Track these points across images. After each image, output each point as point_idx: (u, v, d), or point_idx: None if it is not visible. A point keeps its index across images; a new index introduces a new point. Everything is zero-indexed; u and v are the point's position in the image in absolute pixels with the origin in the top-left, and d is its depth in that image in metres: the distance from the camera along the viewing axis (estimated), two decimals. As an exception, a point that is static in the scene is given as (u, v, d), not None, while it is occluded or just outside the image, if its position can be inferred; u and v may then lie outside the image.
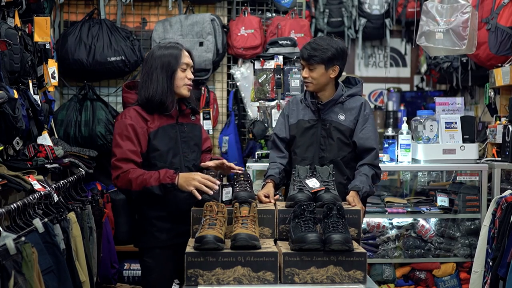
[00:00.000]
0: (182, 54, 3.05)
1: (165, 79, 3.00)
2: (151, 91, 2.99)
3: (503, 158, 4.13)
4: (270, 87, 4.22)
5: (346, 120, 3.22)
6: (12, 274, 2.05)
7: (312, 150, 3.22)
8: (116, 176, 2.97)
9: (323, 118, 3.23)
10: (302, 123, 3.26)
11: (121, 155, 2.96)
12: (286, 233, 2.68)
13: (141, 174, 2.92)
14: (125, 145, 2.96)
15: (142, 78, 3.06)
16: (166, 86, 3.00)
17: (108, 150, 4.59)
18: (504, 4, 4.33)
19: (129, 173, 2.93)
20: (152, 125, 3.01)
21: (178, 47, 3.07)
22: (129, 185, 2.94)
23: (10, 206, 2.57)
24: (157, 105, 3.01)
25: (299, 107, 3.30)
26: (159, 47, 3.10)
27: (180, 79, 3.04)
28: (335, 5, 6.37)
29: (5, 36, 3.05)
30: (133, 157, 2.96)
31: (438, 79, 6.20)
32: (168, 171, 2.91)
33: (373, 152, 3.19)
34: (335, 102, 3.22)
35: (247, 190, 2.81)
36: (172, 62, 3.02)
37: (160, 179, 2.88)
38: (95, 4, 4.90)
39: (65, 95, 4.98)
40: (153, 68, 3.02)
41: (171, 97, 3.02)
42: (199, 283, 2.37)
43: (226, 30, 5.01)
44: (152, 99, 2.99)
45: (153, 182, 2.88)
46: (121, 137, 2.98)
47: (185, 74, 3.05)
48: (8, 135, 2.84)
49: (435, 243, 4.40)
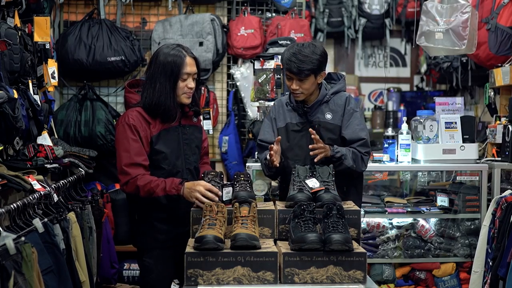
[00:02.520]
0: (184, 63, 2.99)
1: (167, 87, 2.98)
2: (155, 99, 2.97)
3: (503, 158, 4.13)
4: (270, 87, 4.22)
5: (334, 118, 3.19)
6: (12, 274, 2.05)
7: (303, 153, 3.21)
8: (125, 182, 2.95)
9: (310, 119, 3.20)
10: (291, 126, 3.22)
11: (128, 160, 2.94)
12: (286, 233, 2.68)
13: (148, 182, 2.91)
14: (132, 148, 2.94)
15: (146, 81, 3.04)
16: (168, 94, 2.98)
17: (108, 150, 4.60)
18: (504, 4, 4.32)
19: (137, 179, 2.92)
20: (154, 128, 3.00)
21: (182, 54, 3.00)
22: (137, 192, 2.94)
23: (10, 206, 2.57)
24: (161, 113, 3.00)
25: (285, 110, 3.26)
26: (166, 47, 3.05)
27: (179, 89, 3.01)
28: (335, 5, 6.37)
29: (5, 36, 3.05)
30: (141, 161, 2.95)
31: (438, 79, 6.19)
32: (174, 181, 2.91)
33: (361, 141, 3.16)
34: (320, 102, 3.20)
35: (247, 190, 2.81)
36: (174, 71, 2.98)
37: (166, 189, 2.89)
38: (95, 4, 4.90)
39: (65, 95, 4.98)
40: (156, 74, 2.99)
41: (173, 105, 3.00)
42: (199, 283, 2.37)
43: (226, 30, 5.01)
44: (156, 107, 2.98)
45: (159, 192, 2.90)
46: (127, 140, 2.96)
47: (185, 83, 3.01)
48: (8, 135, 2.83)
49: (435, 243, 4.40)
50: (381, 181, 4.85)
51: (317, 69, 3.08)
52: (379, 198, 4.52)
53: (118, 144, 3.00)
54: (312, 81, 3.11)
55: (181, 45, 3.10)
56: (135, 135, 2.96)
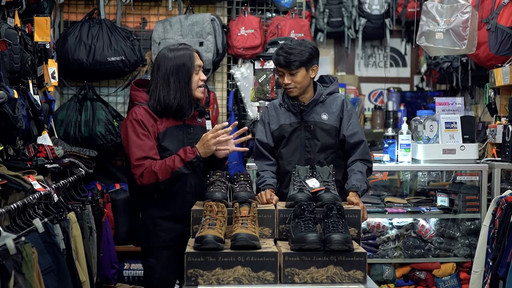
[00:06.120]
0: (194, 56, 3.03)
1: (182, 84, 2.99)
2: (171, 97, 2.98)
3: (503, 158, 4.13)
4: (270, 87, 4.21)
5: (330, 119, 3.20)
6: (12, 274, 2.05)
7: (298, 153, 3.20)
8: (141, 174, 2.93)
9: (306, 119, 3.20)
10: (285, 127, 3.22)
11: (141, 153, 2.93)
12: (286, 233, 2.68)
13: (162, 163, 2.92)
14: (143, 144, 2.94)
15: (157, 83, 3.02)
16: (185, 91, 2.99)
17: (108, 150, 4.60)
18: (504, 4, 4.32)
19: (151, 166, 2.91)
20: (160, 125, 3.01)
21: (189, 49, 3.05)
22: (156, 177, 2.91)
23: (10, 206, 2.57)
24: (175, 111, 3.00)
25: (279, 112, 3.26)
26: (169, 49, 3.06)
27: (194, 82, 3.03)
28: (335, 5, 6.37)
29: (5, 36, 3.05)
30: (153, 154, 2.95)
31: (438, 79, 6.19)
32: (186, 149, 2.93)
33: (362, 146, 3.18)
34: (316, 102, 3.20)
35: (247, 190, 2.81)
36: (188, 64, 3.00)
37: (183, 158, 2.91)
38: (95, 4, 4.90)
39: (65, 95, 4.98)
40: (168, 72, 2.99)
41: (188, 101, 3.01)
42: (199, 283, 2.37)
43: (226, 30, 5.01)
44: (171, 105, 2.98)
45: (178, 164, 2.90)
46: (137, 135, 2.95)
47: (199, 76, 3.04)
48: (8, 135, 2.83)
49: (435, 243, 4.40)
50: (381, 181, 4.85)
51: (306, 61, 3.10)
52: (379, 198, 4.52)
53: (129, 140, 2.97)
54: (303, 74, 3.12)
55: (183, 43, 3.16)
56: (145, 130, 2.96)
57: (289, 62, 3.08)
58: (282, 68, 3.12)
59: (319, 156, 3.18)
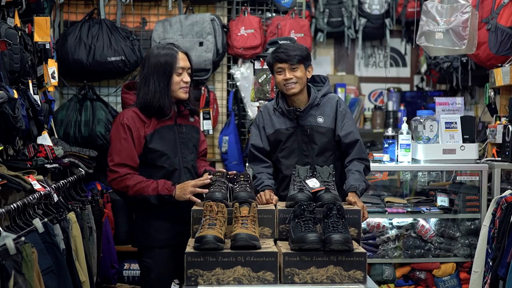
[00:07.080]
0: (177, 58, 3.04)
1: (161, 84, 3.02)
2: (149, 96, 3.02)
3: (503, 158, 4.13)
4: (270, 87, 4.21)
5: (326, 121, 3.20)
6: (12, 274, 2.05)
7: (295, 158, 3.20)
8: (113, 179, 3.01)
9: (302, 124, 3.20)
10: (281, 132, 3.21)
11: (118, 159, 3.00)
12: (286, 233, 2.68)
13: (138, 182, 2.96)
14: (123, 148, 3.00)
15: (140, 82, 3.08)
16: (163, 91, 3.02)
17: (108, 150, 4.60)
18: (504, 4, 4.32)
19: (126, 179, 2.97)
20: (148, 127, 3.03)
21: (173, 51, 3.06)
22: (125, 190, 2.98)
23: (10, 206, 2.57)
24: (155, 110, 3.03)
25: (273, 116, 3.25)
26: (156, 48, 3.11)
27: (175, 84, 3.05)
28: (335, 5, 6.36)
29: (5, 36, 3.05)
30: (130, 162, 3.00)
31: (438, 79, 6.19)
32: (166, 183, 2.96)
33: (358, 145, 3.18)
34: (311, 105, 3.20)
35: (247, 190, 2.81)
36: (167, 67, 3.03)
37: (158, 189, 2.93)
38: (95, 4, 4.90)
39: (65, 95, 4.98)
40: (149, 72, 3.04)
41: (168, 101, 3.03)
42: (199, 283, 2.37)
43: (226, 30, 5.01)
44: (150, 104, 3.02)
45: (150, 191, 2.94)
46: (119, 140, 3.01)
47: (181, 78, 3.06)
48: (8, 135, 2.84)
49: (435, 243, 4.40)
50: (381, 181, 4.85)
51: (305, 58, 3.13)
52: (379, 198, 4.52)
53: (111, 143, 3.07)
54: (303, 71, 3.13)
55: (172, 43, 3.18)
56: (127, 135, 3.00)
57: (290, 56, 3.09)
58: (282, 63, 3.11)
59: (317, 160, 3.17)
